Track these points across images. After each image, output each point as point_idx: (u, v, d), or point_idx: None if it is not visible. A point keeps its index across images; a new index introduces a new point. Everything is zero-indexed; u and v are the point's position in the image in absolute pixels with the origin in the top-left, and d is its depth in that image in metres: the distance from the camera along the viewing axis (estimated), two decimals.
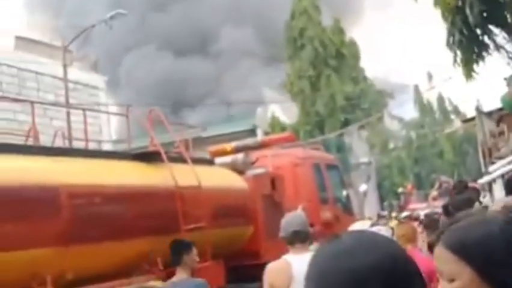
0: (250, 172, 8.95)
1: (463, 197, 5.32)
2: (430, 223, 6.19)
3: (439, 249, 1.30)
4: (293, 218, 4.41)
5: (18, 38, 17.72)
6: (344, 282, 1.02)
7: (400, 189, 30.77)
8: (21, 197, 5.14)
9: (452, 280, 1.26)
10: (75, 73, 16.00)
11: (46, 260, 5.20)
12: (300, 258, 4.07)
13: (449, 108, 40.57)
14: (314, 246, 4.68)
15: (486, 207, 4.85)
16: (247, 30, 31.02)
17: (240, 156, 9.18)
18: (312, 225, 5.76)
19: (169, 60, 30.63)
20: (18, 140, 8.16)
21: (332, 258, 1.06)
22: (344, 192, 11.42)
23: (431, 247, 4.80)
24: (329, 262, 1.06)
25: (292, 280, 3.99)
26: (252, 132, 22.58)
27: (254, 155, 9.82)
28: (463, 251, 1.23)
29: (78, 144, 9.00)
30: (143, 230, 6.35)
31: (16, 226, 5.08)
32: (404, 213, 12.23)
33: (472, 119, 19.46)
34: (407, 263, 1.07)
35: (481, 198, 6.86)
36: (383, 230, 5.63)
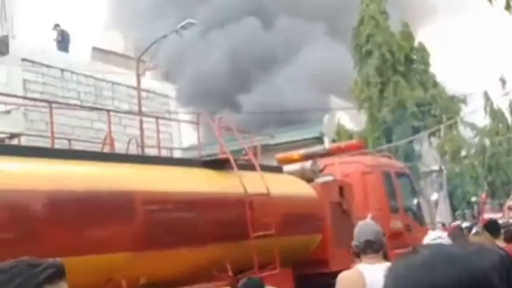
0: (319, 180, 8.89)
1: None
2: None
3: None
4: (366, 226, 4.33)
5: (95, 49, 18.52)
6: None
7: (473, 199, 29.66)
8: (98, 202, 5.33)
9: None
10: (147, 82, 16.53)
11: (121, 264, 5.36)
12: (373, 268, 4.00)
13: None
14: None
15: None
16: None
17: (308, 163, 9.14)
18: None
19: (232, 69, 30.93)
20: (95, 147, 8.52)
21: (410, 271, 1.01)
22: (415, 201, 11.11)
23: None
24: (406, 275, 1.01)
25: None
26: (319, 139, 22.44)
27: (322, 162, 9.75)
28: None
29: (150, 152, 9.27)
30: (213, 236, 6.44)
31: (93, 231, 5.28)
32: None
33: None
34: (493, 279, 1.00)
35: None
36: (444, 238, 5.45)
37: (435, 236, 5.50)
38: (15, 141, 7.77)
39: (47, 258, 1.59)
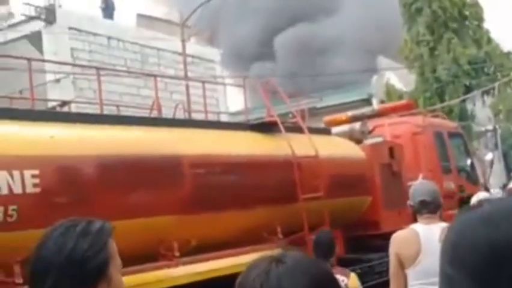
0: (368, 141, 8.74)
1: None
2: None
3: None
4: (422, 186, 4.23)
5: (139, 16, 18.60)
6: (480, 254, 0.89)
7: None
8: (147, 167, 5.40)
9: None
10: (192, 47, 16.52)
11: (172, 226, 5.45)
12: (428, 228, 3.91)
13: None
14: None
15: None
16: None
17: (356, 125, 8.98)
18: None
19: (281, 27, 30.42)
20: (143, 113, 8.61)
21: (468, 227, 0.93)
22: (469, 162, 10.80)
23: None
24: (464, 232, 0.93)
25: (420, 250, 3.84)
26: (367, 101, 22.04)
27: (371, 123, 9.57)
28: None
29: (197, 117, 9.30)
30: (262, 199, 6.45)
31: (143, 195, 5.36)
32: None
33: None
34: None
35: None
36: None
37: (482, 197, 5.35)
38: (65, 109, 7.92)
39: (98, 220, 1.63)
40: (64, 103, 7.89)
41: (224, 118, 14.19)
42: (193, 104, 10.60)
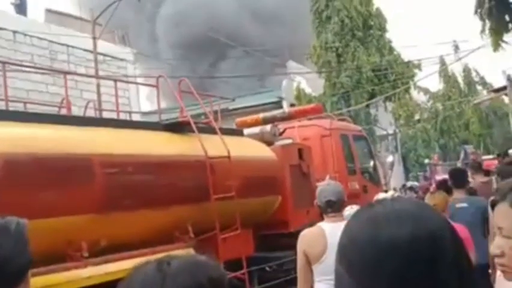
0: (278, 143, 8.99)
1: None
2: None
3: (504, 207, 1.37)
4: (328, 187, 4.44)
5: (48, 11, 17.86)
6: (363, 252, 0.94)
7: (426, 161, 30.57)
8: (57, 166, 5.26)
9: (510, 237, 1.35)
10: (104, 46, 16.12)
11: (81, 227, 5.35)
12: (335, 226, 4.12)
13: (476, 79, 39.95)
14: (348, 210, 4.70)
15: None
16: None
17: (267, 127, 9.21)
18: None
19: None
20: (51, 111, 8.33)
21: (356, 228, 0.98)
22: (372, 163, 11.38)
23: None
24: (351, 231, 0.99)
25: (326, 247, 4.04)
26: (278, 104, 22.53)
27: (282, 126, 9.85)
28: None
29: (108, 116, 9.13)
30: (174, 198, 6.46)
31: (52, 194, 5.22)
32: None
33: (503, 88, 19.14)
34: (447, 237, 0.95)
35: None
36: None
37: (383, 197, 5.71)
38: None
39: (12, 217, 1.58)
40: None
41: (136, 118, 13.98)
42: (105, 103, 10.38)
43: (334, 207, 4.21)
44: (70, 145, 5.51)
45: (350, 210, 5.76)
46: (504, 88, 19.31)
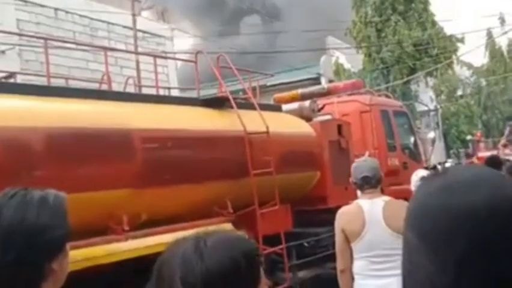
0: (317, 119, 8.90)
1: None
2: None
3: None
4: (363, 163, 4.39)
5: None
6: (435, 219, 0.92)
7: (469, 137, 29.91)
8: (97, 140, 5.34)
9: None
10: (143, 23, 16.20)
11: (122, 201, 5.42)
12: (372, 203, 4.08)
13: None
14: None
15: None
16: None
17: (306, 103, 9.12)
18: None
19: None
20: (92, 87, 8.45)
21: (427, 195, 0.96)
22: (412, 140, 11.18)
23: None
24: (423, 199, 0.97)
25: (365, 225, 4.00)
26: (316, 80, 22.33)
27: (321, 101, 9.74)
28: None
29: (148, 92, 9.20)
30: (213, 173, 6.49)
31: (93, 168, 5.30)
32: None
33: None
34: None
35: None
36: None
37: (421, 175, 5.59)
38: (11, 81, 7.68)
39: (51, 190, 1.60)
40: (10, 75, 7.64)
41: (175, 94, 14.07)
42: (144, 80, 10.46)
43: (371, 183, 4.15)
44: (110, 120, 5.57)
45: (415, 176, 5.67)
46: None
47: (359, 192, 4.29)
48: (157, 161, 5.85)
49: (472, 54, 31.84)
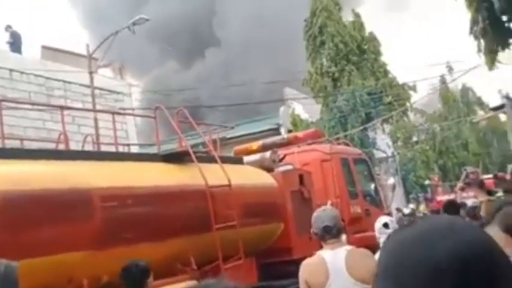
0: (279, 169, 8.93)
1: None
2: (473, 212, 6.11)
3: (493, 230, 1.27)
4: (323, 212, 4.36)
5: (44, 48, 17.96)
6: (419, 272, 0.91)
7: (427, 181, 30.51)
8: (54, 202, 5.19)
9: None
10: (101, 80, 16.16)
11: (82, 263, 5.25)
12: (334, 253, 4.05)
13: (473, 99, 40.29)
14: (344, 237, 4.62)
15: None
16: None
17: (267, 154, 9.16)
18: (342, 220, 5.73)
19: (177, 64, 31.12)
20: (49, 147, 8.28)
21: (405, 247, 0.95)
22: (373, 186, 11.32)
23: None
24: (400, 251, 0.96)
25: (328, 276, 3.96)
26: (276, 130, 22.56)
27: (281, 152, 9.80)
28: None
29: (107, 149, 9.07)
30: (175, 230, 6.38)
31: (52, 231, 5.14)
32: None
33: (501, 107, 19.22)
34: (492, 252, 0.94)
35: None
36: (393, 222, 5.60)
37: (385, 221, 5.63)
38: None
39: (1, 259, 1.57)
40: None
41: (135, 150, 13.93)
42: (103, 137, 10.34)
43: (332, 233, 4.12)
44: (67, 180, 5.44)
45: (378, 223, 5.68)
46: (502, 106, 19.40)
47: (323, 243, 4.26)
48: (116, 220, 5.72)
49: (424, 101, 32.98)
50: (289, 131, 20.79)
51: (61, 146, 7.65)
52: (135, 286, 4.50)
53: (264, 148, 9.92)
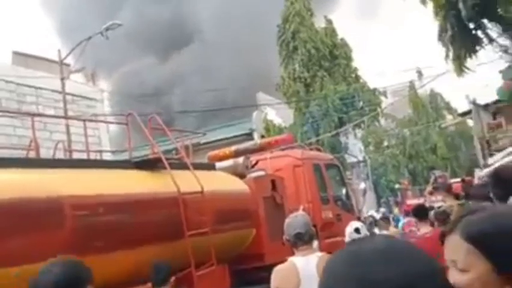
0: (251, 175, 8.97)
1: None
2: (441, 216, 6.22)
3: (455, 239, 1.25)
4: (295, 219, 4.41)
5: (16, 53, 17.69)
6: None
7: (397, 186, 30.95)
8: (25, 210, 5.13)
9: (465, 271, 1.21)
10: (73, 86, 15.98)
11: None
12: (306, 260, 4.10)
13: (441, 104, 41.02)
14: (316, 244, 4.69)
15: None
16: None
17: (240, 159, 9.20)
18: (314, 225, 5.79)
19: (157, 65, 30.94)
20: (19, 155, 8.18)
21: (345, 265, 0.98)
22: (344, 191, 11.44)
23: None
24: (334, 269, 0.99)
25: (300, 281, 4.01)
26: (249, 136, 22.60)
27: (254, 157, 9.85)
28: (484, 242, 1.17)
29: (79, 156, 9.00)
30: (147, 237, 6.36)
31: (21, 240, 5.07)
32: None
33: (468, 112, 19.64)
34: (432, 280, 0.95)
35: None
36: (363, 227, 5.70)
37: (356, 226, 5.72)
38: None
39: None
40: None
41: (107, 157, 13.82)
42: (74, 144, 10.24)
43: (303, 239, 4.17)
44: (36, 189, 5.37)
45: (349, 228, 5.74)
46: (469, 112, 19.82)
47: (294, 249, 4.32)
48: (88, 228, 5.68)
49: (395, 106, 33.44)
50: (262, 136, 20.87)
51: (32, 153, 7.56)
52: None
53: (236, 154, 9.96)
